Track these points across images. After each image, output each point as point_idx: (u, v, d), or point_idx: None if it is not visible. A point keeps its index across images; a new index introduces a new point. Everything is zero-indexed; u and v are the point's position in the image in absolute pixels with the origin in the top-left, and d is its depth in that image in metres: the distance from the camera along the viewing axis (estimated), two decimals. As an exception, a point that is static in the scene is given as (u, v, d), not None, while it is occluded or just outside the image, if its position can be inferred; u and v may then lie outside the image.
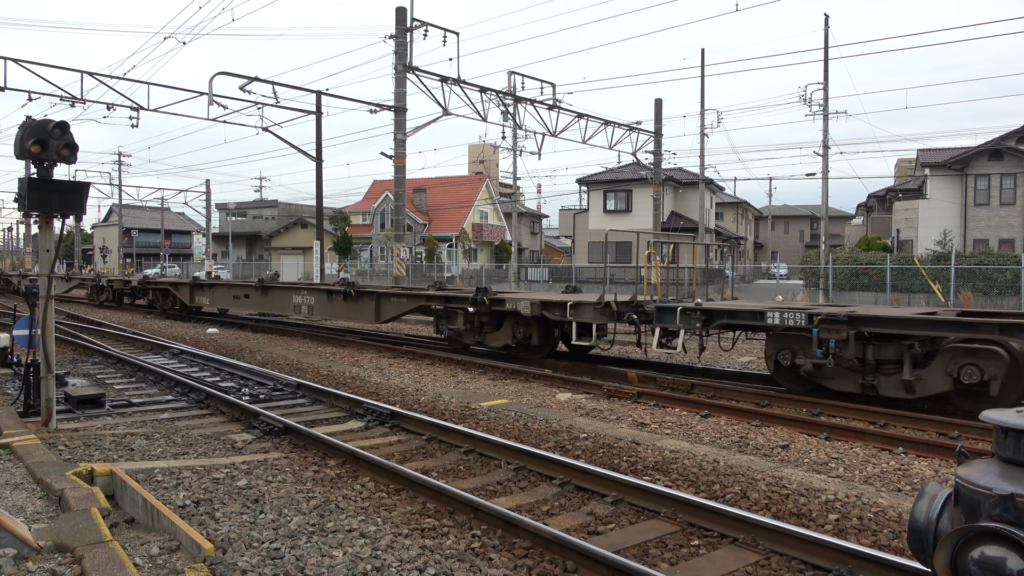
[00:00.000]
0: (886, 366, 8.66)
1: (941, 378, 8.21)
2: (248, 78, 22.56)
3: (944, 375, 8.15)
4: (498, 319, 13.18)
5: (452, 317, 13.74)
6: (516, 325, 12.81)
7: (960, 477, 2.50)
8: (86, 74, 21.75)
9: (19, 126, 7.07)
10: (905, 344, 8.42)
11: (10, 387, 9.65)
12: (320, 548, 4.44)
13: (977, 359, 7.91)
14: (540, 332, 12.54)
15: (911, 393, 8.42)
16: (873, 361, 8.69)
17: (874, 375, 8.73)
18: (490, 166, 67.20)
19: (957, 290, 24.99)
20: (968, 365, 7.94)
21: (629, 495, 5.35)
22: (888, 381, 8.62)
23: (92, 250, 72.94)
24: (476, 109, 23.07)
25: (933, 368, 8.28)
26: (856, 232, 51.35)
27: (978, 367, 7.87)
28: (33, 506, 5.06)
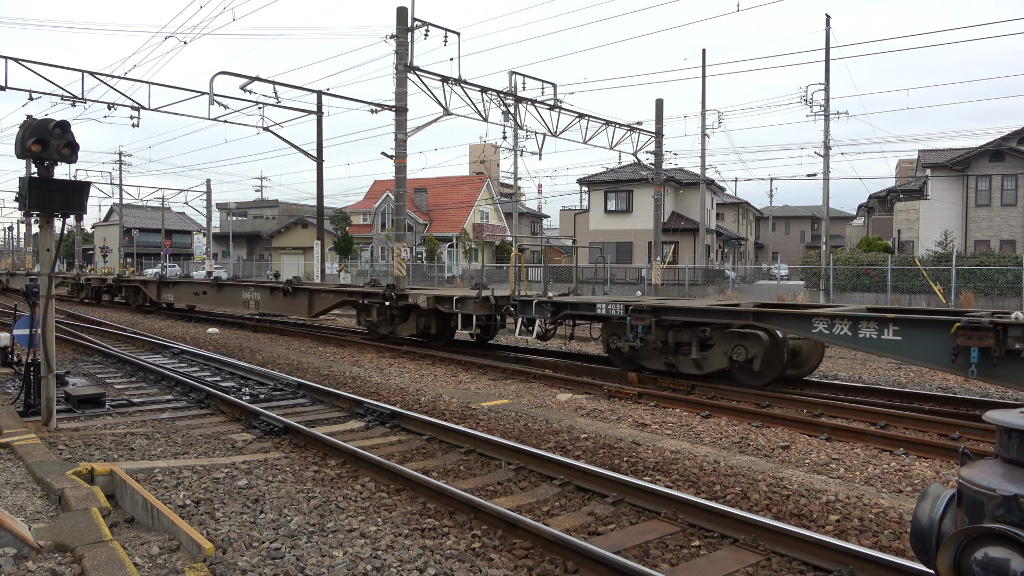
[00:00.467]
0: (683, 347, 10.31)
1: (721, 357, 9.81)
2: (249, 78, 22.55)
3: (723, 355, 9.76)
4: (406, 312, 14.88)
5: (369, 310, 15.49)
6: (419, 317, 14.57)
7: (963, 478, 2.49)
8: (87, 73, 21.75)
9: (20, 125, 7.07)
10: (697, 330, 10.08)
11: (10, 386, 9.64)
12: (320, 548, 4.43)
13: (744, 341, 9.52)
14: (437, 323, 14.38)
15: (700, 370, 10.07)
16: (673, 343, 10.37)
17: (674, 355, 10.39)
18: (491, 166, 67.21)
19: (958, 291, 24.98)
20: (738, 346, 9.57)
21: (630, 495, 5.34)
22: (684, 360, 10.25)
23: (93, 250, 72.98)
24: (477, 109, 23.06)
25: (715, 349, 9.91)
26: (857, 233, 51.34)
27: (744, 347, 9.50)
28: (33, 505, 5.05)
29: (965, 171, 34.64)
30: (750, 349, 9.45)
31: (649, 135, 31.57)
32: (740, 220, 59.90)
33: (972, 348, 7.35)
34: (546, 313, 12.12)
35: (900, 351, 8.18)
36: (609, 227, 45.30)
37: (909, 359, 8.28)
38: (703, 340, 10.10)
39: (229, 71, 22.27)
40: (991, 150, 34.18)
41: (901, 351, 8.16)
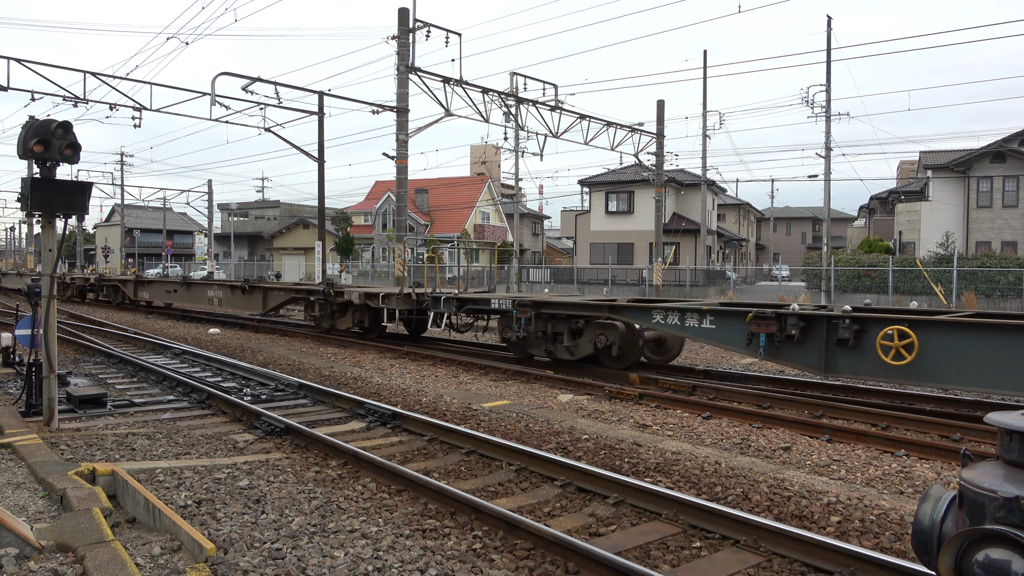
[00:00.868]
0: (559, 336, 11.79)
1: (588, 344, 11.38)
2: (250, 78, 22.58)
3: (589, 342, 11.36)
4: (344, 308, 16.32)
5: (313, 306, 17.05)
6: (354, 312, 16.05)
7: (965, 479, 2.49)
8: (89, 74, 21.78)
9: (22, 126, 7.08)
10: (569, 321, 11.66)
11: (12, 387, 9.65)
12: (322, 548, 4.43)
13: (605, 331, 11.16)
14: (370, 317, 15.87)
15: (572, 356, 11.64)
16: (551, 333, 11.87)
17: (552, 343, 11.89)
18: (492, 167, 67.23)
19: (959, 292, 24.97)
20: (600, 335, 11.19)
21: (631, 497, 5.34)
22: (560, 347, 11.77)
23: (94, 250, 73.04)
24: (478, 110, 23.08)
25: (584, 338, 11.48)
26: (858, 234, 51.32)
27: (605, 336, 11.13)
28: (35, 506, 5.06)
29: (966, 172, 34.62)
30: (609, 337, 11.12)
31: (650, 136, 31.57)
32: (741, 221, 59.89)
33: (760, 334, 8.85)
34: (452, 307, 13.63)
35: (714, 337, 9.64)
36: (610, 228, 45.30)
37: (721, 344, 9.66)
38: (574, 330, 11.72)
39: (231, 72, 22.32)
40: (992, 151, 34.16)
41: (715, 337, 9.63)
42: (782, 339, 8.79)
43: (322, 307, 16.81)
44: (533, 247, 64.68)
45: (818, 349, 8.56)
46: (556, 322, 11.83)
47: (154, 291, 24.13)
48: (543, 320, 11.90)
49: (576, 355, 11.59)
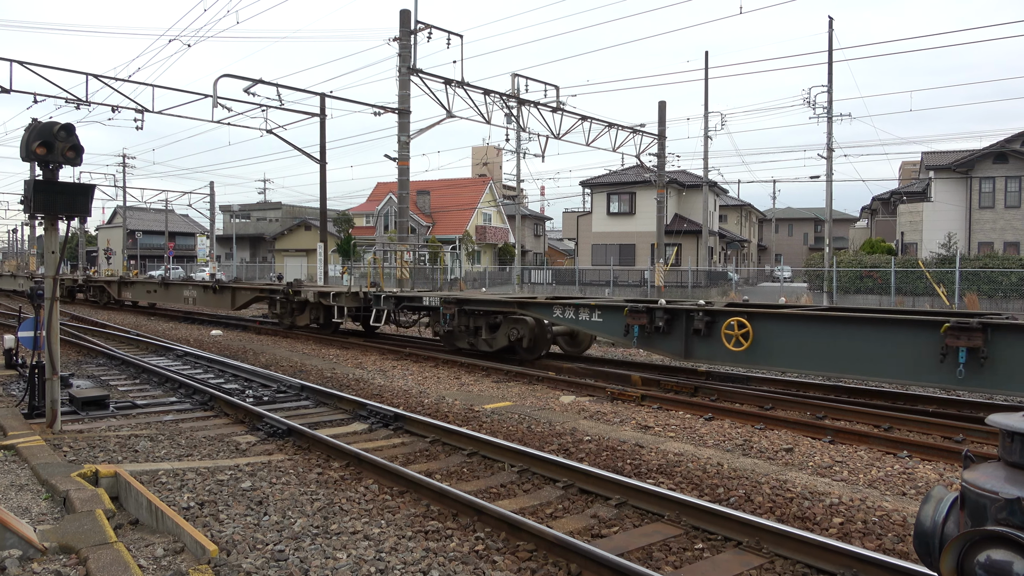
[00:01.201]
0: (480, 331, 12.99)
1: (504, 337, 12.56)
2: (252, 80, 22.62)
3: (504, 335, 12.54)
4: (302, 306, 17.63)
5: (275, 304, 18.46)
6: (311, 309, 17.37)
7: (966, 481, 2.49)
8: (91, 76, 21.83)
9: (25, 128, 7.09)
10: (487, 316, 12.94)
11: (15, 388, 9.67)
12: (324, 550, 4.44)
13: (517, 325, 12.34)
14: (325, 314, 17.09)
15: (491, 347, 12.85)
16: (473, 327, 13.07)
17: (474, 337, 13.07)
18: (493, 168, 67.24)
19: (962, 293, 24.95)
20: (513, 329, 12.40)
21: (633, 498, 5.34)
22: (480, 340, 12.96)
23: (96, 252, 73.16)
24: (480, 111, 23.10)
25: (500, 331, 12.66)
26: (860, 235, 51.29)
27: (517, 330, 12.33)
28: (38, 507, 5.07)
29: (969, 173, 34.60)
30: (521, 331, 12.31)
31: (652, 137, 31.57)
32: (743, 222, 59.88)
33: (635, 325, 9.97)
34: (392, 305, 14.90)
35: (601, 328, 10.90)
36: (612, 229, 45.32)
37: (606, 334, 10.92)
38: (492, 324, 12.95)
39: (233, 74, 22.32)
40: (995, 152, 34.13)
41: (601, 328, 10.89)
42: (652, 329, 9.89)
43: (283, 305, 18.18)
44: (535, 248, 64.70)
45: (680, 338, 9.69)
46: (477, 317, 13.14)
47: (136, 291, 25.58)
48: (466, 316, 13.19)
49: (493, 347, 12.89)
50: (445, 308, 13.36)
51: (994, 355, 6.99)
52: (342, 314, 16.39)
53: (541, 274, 42.59)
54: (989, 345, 7.01)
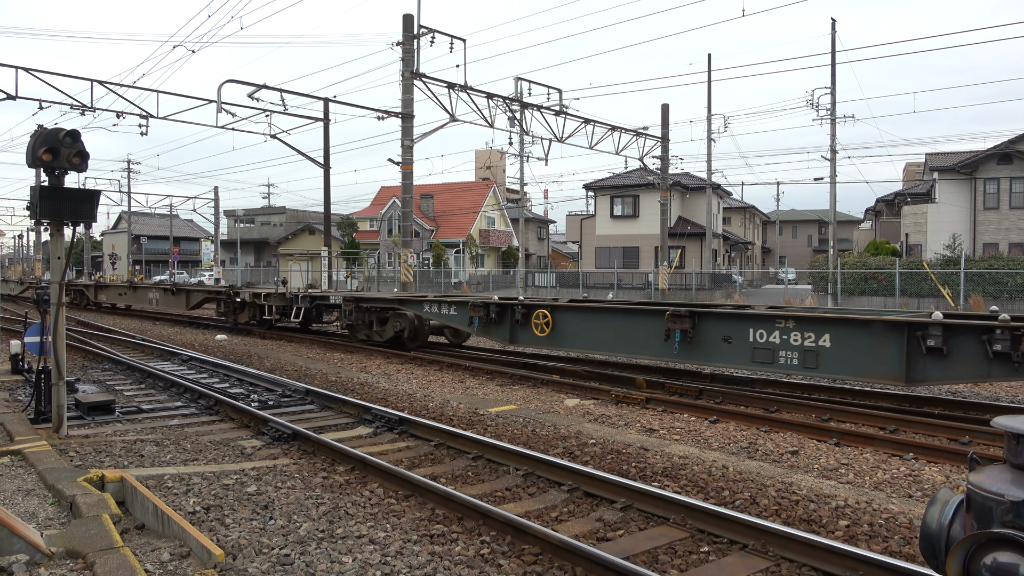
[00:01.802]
0: (373, 324, 15.25)
1: (391, 330, 14.90)
2: (256, 85, 22.70)
3: (391, 328, 14.88)
4: (242, 305, 19.81)
5: (220, 304, 20.81)
6: (249, 308, 19.49)
7: (972, 483, 2.49)
8: (96, 83, 21.92)
9: (31, 135, 7.13)
10: (378, 312, 15.18)
11: (22, 393, 9.71)
12: (329, 554, 4.45)
13: (400, 319, 14.76)
14: (259, 312, 19.27)
15: (381, 338, 15.12)
16: (368, 321, 15.35)
17: (369, 329, 15.37)
18: (497, 172, 67.29)
19: (967, 294, 24.88)
20: (397, 322, 14.80)
21: (638, 501, 5.34)
22: (373, 332, 15.29)
23: (101, 257, 73.36)
24: (483, 115, 23.14)
25: (388, 325, 14.98)
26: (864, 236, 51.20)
27: (399, 323, 14.75)
28: (45, 512, 5.09)
29: (973, 174, 34.51)
30: (402, 324, 14.68)
31: (655, 140, 31.58)
32: (747, 224, 59.80)
33: (476, 317, 12.20)
34: (307, 303, 17.13)
35: (455, 321, 12.97)
36: (615, 232, 45.30)
37: (459, 325, 12.93)
38: (382, 319, 15.16)
39: (237, 79, 22.39)
40: (999, 153, 34.04)
41: (455, 321, 12.97)
42: (487, 320, 12.09)
43: (227, 305, 20.50)
44: (539, 251, 64.70)
45: (507, 327, 11.95)
46: (370, 313, 15.35)
47: (109, 294, 28.40)
48: (362, 311, 15.46)
49: (383, 337, 15.13)
50: (345, 305, 15.74)
51: (697, 336, 9.41)
52: (271, 311, 18.67)
53: (545, 277, 42.61)
54: (695, 328, 9.39)
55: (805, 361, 8.60)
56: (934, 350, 7.74)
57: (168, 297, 23.75)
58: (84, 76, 22.41)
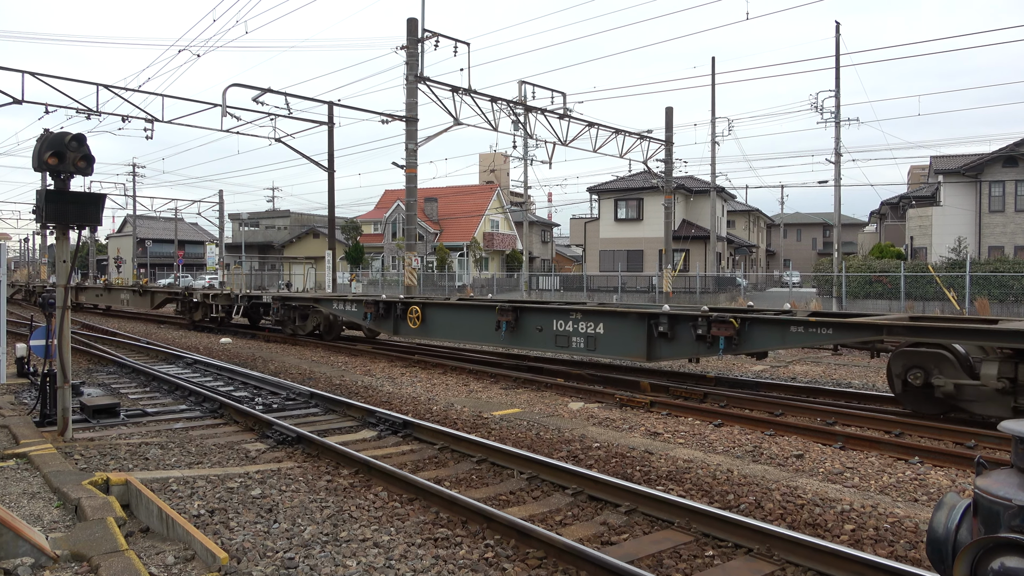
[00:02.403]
0: (298, 320, 17.83)
1: (311, 325, 17.60)
2: (261, 89, 22.77)
3: (311, 323, 17.58)
4: (196, 305, 22.07)
5: (179, 304, 23.13)
6: (201, 307, 21.82)
7: (979, 488, 2.48)
8: (102, 87, 22.03)
9: (37, 139, 7.16)
10: (299, 309, 17.82)
11: (27, 396, 9.73)
12: (334, 557, 4.45)
13: (316, 316, 17.41)
14: (209, 310, 21.39)
15: (304, 331, 17.66)
16: (293, 317, 17.86)
17: (293, 324, 17.83)
18: (501, 175, 67.35)
19: (972, 298, 24.79)
20: (314, 318, 17.51)
21: (643, 505, 5.33)
22: (297, 327, 17.81)
23: (107, 260, 73.60)
24: (487, 119, 23.16)
25: (308, 320, 17.61)
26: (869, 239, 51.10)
27: (316, 319, 17.46)
28: (50, 515, 5.10)
29: (978, 177, 34.43)
30: (319, 319, 17.41)
31: (659, 143, 31.58)
32: (751, 227, 59.74)
33: (368, 313, 14.61)
34: (245, 303, 19.76)
35: (355, 316, 15.25)
36: (619, 235, 45.28)
37: (357, 320, 15.28)
38: (303, 315, 17.75)
39: (241, 83, 22.50)
40: (1004, 155, 33.96)
41: (355, 316, 15.24)
42: (377, 315, 14.46)
43: (184, 304, 22.72)
44: (542, 255, 64.72)
45: (392, 320, 14.31)
46: (294, 310, 17.88)
47: (88, 295, 30.60)
48: (288, 309, 18.02)
49: (305, 331, 17.61)
50: (274, 304, 18.30)
51: (519, 326, 11.80)
52: (218, 310, 20.79)
53: (549, 280, 42.60)
54: (517, 320, 11.77)
55: (588, 345, 10.86)
56: (663, 334, 9.87)
57: (136, 298, 26.04)
58: (90, 80, 22.55)
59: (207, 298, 21.39)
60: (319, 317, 17.23)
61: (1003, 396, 7.56)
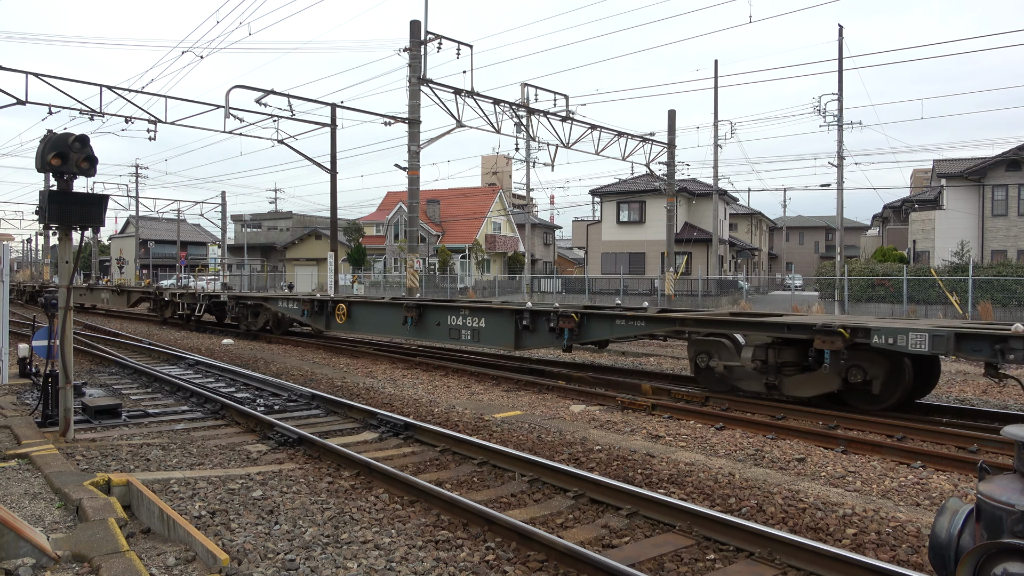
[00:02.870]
0: (249, 315, 19.87)
1: (261, 321, 19.56)
2: (264, 91, 22.81)
3: (262, 320, 19.63)
4: (167, 303, 24.27)
5: (153, 303, 25.22)
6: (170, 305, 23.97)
7: (982, 493, 2.47)
8: (105, 88, 22.07)
9: (40, 139, 7.17)
10: (250, 307, 19.86)
11: (29, 397, 9.74)
12: (334, 559, 4.44)
13: (265, 312, 19.49)
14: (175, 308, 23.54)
15: (256, 327, 19.64)
16: (246, 314, 19.90)
17: (245, 320, 19.88)
18: (503, 177, 67.39)
19: (975, 302, 24.73)
20: (263, 315, 19.57)
21: (644, 508, 5.32)
22: (249, 323, 19.80)
23: (109, 261, 73.68)
24: (490, 121, 23.18)
25: (260, 317, 19.68)
26: (871, 243, 51.04)
27: (265, 316, 19.51)
28: (51, 516, 5.10)
29: (981, 181, 34.38)
30: (267, 316, 19.46)
31: (661, 146, 31.58)
32: (753, 230, 59.70)
33: (305, 310, 16.85)
34: (207, 302, 21.75)
35: (295, 313, 17.42)
36: (621, 238, 45.26)
37: (296, 315, 17.49)
38: (255, 312, 19.82)
39: (245, 85, 22.55)
40: (1007, 159, 33.91)
41: (295, 313, 17.41)
42: (312, 312, 16.63)
43: (155, 302, 24.94)
44: (545, 257, 64.70)
45: (324, 316, 16.41)
46: (247, 308, 19.88)
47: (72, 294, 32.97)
48: (241, 307, 20.03)
49: (257, 327, 19.72)
50: (230, 302, 20.30)
51: (422, 321, 13.75)
52: (185, 308, 22.90)
53: (551, 283, 42.56)
54: (420, 316, 13.73)
55: (473, 336, 12.69)
56: (527, 327, 11.68)
57: (114, 296, 28.72)
58: (93, 81, 22.59)
59: (175, 297, 23.65)
60: (268, 314, 19.37)
61: (759, 375, 9.40)
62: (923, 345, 7.82)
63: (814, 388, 9.05)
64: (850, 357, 8.64)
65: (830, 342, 8.45)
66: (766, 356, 9.22)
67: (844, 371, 8.69)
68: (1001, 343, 7.33)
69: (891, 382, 8.70)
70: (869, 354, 8.54)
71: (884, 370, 8.60)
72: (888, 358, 8.59)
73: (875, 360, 8.58)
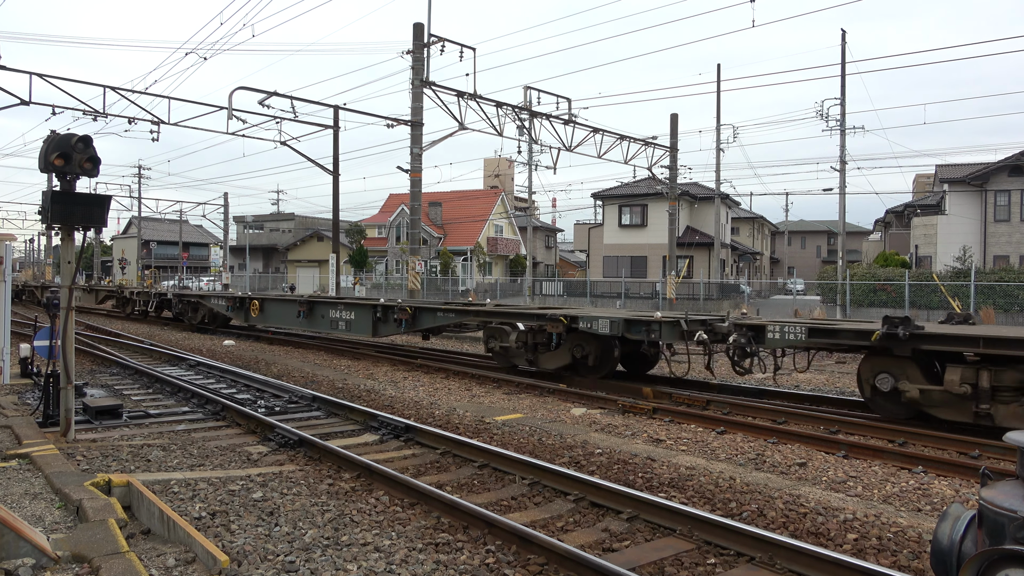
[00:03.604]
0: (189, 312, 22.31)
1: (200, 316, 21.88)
2: (267, 93, 22.83)
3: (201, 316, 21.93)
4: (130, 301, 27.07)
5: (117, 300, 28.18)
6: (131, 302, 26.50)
7: (984, 499, 2.47)
8: (108, 89, 22.10)
9: (43, 140, 7.18)
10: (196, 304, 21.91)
11: (30, 397, 9.75)
12: (334, 561, 4.44)
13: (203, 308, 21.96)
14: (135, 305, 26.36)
15: (196, 321, 22.06)
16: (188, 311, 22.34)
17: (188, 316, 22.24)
18: (505, 180, 67.41)
19: (977, 307, 24.70)
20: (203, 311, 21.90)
21: (644, 512, 5.31)
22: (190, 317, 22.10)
23: (111, 262, 73.74)
24: (492, 124, 23.19)
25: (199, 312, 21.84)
26: (874, 248, 51.01)
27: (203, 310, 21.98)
28: (51, 516, 5.10)
29: (983, 186, 34.34)
30: (204, 311, 21.76)
31: (664, 149, 31.59)
32: (755, 235, 59.66)
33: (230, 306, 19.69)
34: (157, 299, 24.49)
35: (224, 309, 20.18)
36: (623, 241, 45.23)
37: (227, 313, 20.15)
38: (195, 308, 22.14)
39: (248, 86, 22.54)
40: (1010, 165, 33.87)
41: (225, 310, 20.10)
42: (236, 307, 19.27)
43: (119, 300, 28.22)
44: (546, 260, 64.70)
45: (244, 311, 19.21)
46: (190, 305, 22.51)
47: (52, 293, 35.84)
48: (185, 304, 22.71)
49: (196, 321, 22.14)
50: (175, 299, 23.24)
51: (311, 314, 16.79)
52: (141, 304, 25.50)
53: (553, 286, 42.51)
54: (311, 310, 16.85)
55: (347, 327, 15.85)
56: (380, 319, 15.05)
57: (86, 295, 31.54)
58: (97, 82, 22.62)
59: (133, 295, 27.29)
60: (204, 310, 21.74)
61: (524, 352, 12.09)
62: (606, 328, 10.72)
63: (556, 362, 11.80)
64: (573, 338, 11.47)
65: (555, 327, 11.49)
66: (527, 339, 11.97)
67: (571, 349, 11.48)
68: (647, 326, 10.38)
69: (603, 357, 11.48)
70: (584, 336, 11.28)
71: (597, 348, 11.33)
72: (598, 339, 11.29)
73: (589, 340, 11.32)
